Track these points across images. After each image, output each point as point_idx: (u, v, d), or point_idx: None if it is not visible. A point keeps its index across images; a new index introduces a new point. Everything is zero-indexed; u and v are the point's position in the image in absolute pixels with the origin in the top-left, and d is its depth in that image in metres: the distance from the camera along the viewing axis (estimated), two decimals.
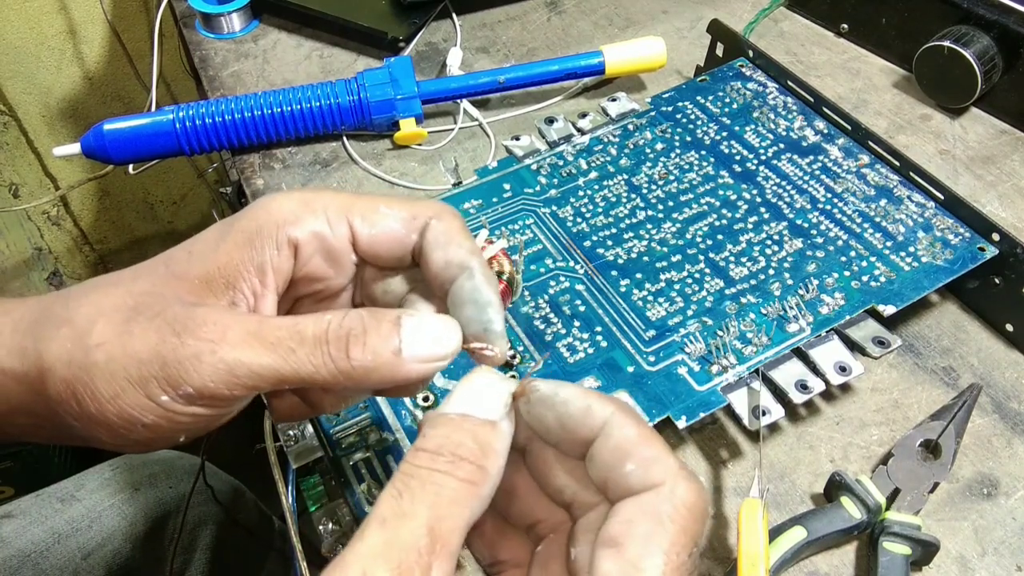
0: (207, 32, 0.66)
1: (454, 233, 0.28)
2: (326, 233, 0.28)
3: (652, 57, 0.57)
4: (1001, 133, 0.55)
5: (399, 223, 0.28)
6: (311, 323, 0.26)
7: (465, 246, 0.28)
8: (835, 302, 0.41)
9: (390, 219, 0.28)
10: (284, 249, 0.27)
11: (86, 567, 0.57)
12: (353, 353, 0.25)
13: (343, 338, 0.25)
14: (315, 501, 0.38)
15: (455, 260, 0.28)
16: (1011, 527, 0.38)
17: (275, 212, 0.27)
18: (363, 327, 0.26)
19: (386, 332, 0.26)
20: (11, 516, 0.59)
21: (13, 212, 1.13)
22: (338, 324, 0.26)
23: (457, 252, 0.28)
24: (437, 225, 0.28)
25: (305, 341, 0.25)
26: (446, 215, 0.29)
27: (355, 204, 0.28)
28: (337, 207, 0.28)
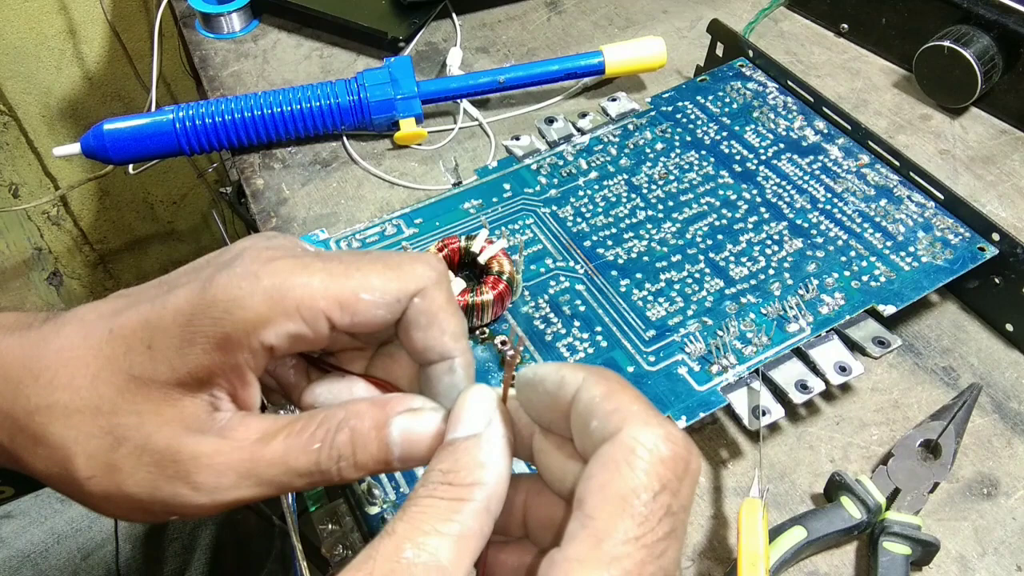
0: (207, 32, 0.66)
1: (436, 312, 0.26)
2: (302, 333, 0.25)
3: (652, 57, 0.57)
4: (1001, 133, 0.55)
5: (382, 310, 0.25)
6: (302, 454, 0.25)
7: (448, 330, 0.26)
8: (835, 302, 0.41)
9: (371, 306, 0.25)
10: (259, 354, 0.25)
11: (86, 567, 0.57)
12: (345, 475, 0.25)
13: (334, 465, 0.25)
14: (315, 501, 0.38)
15: (435, 348, 0.26)
16: (1011, 527, 0.38)
17: (242, 316, 0.24)
18: (352, 447, 0.25)
19: (375, 450, 0.25)
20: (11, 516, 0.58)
21: (13, 212, 1.13)
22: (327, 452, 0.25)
23: (438, 339, 0.26)
24: (419, 304, 0.26)
25: (300, 475, 0.25)
26: (430, 290, 0.26)
27: (331, 293, 0.25)
28: (311, 303, 0.25)
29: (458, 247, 0.43)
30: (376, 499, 0.35)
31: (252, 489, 0.25)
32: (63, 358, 0.26)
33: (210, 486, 0.25)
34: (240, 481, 0.25)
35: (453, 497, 0.21)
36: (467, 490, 0.21)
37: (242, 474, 0.25)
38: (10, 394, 0.26)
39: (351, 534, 0.36)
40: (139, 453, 0.25)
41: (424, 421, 0.25)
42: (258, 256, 0.25)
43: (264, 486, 0.25)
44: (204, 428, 0.25)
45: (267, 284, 0.24)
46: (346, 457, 0.25)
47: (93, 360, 0.25)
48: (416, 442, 0.25)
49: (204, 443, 0.25)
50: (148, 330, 0.25)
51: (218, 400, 0.26)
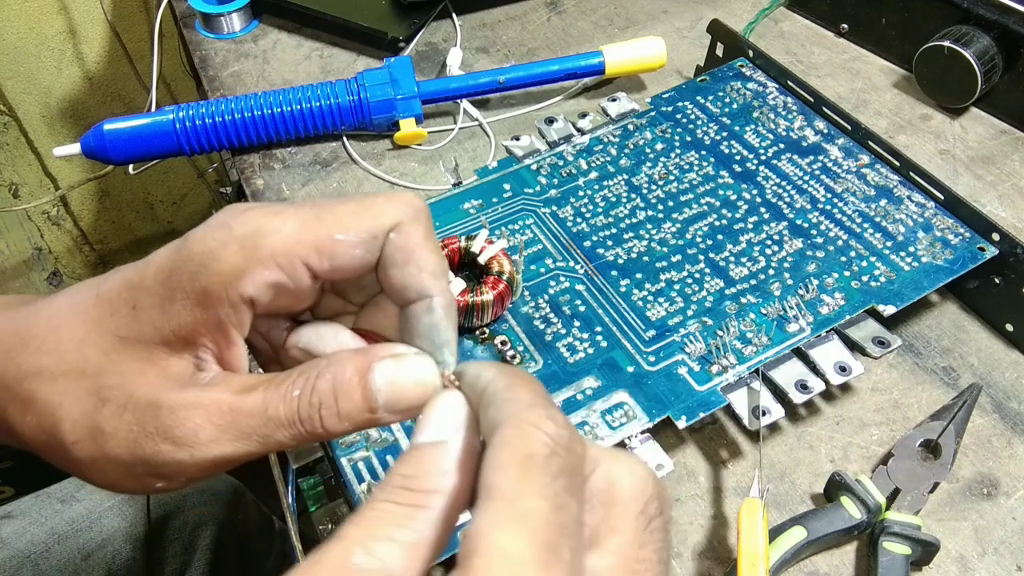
0: (207, 32, 0.66)
1: (413, 249, 0.25)
2: (280, 280, 0.25)
3: (652, 57, 0.57)
4: (1001, 133, 0.55)
5: (359, 248, 0.25)
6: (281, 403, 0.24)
7: (426, 267, 0.25)
8: (835, 302, 0.41)
9: (348, 247, 0.25)
10: (239, 306, 0.25)
11: (86, 568, 0.57)
12: (327, 425, 0.25)
13: (316, 414, 0.24)
14: (315, 501, 0.38)
15: (413, 285, 0.25)
16: (1011, 527, 0.38)
17: (218, 268, 0.24)
18: (334, 394, 0.24)
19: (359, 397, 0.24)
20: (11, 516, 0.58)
21: (13, 212, 1.13)
22: (307, 399, 0.24)
23: (415, 276, 0.25)
24: (395, 239, 0.25)
25: (279, 425, 0.24)
26: (407, 224, 0.25)
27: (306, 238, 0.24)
28: (286, 247, 0.24)
29: (458, 247, 0.43)
30: None
31: (233, 443, 0.25)
32: (52, 325, 0.26)
33: (189, 439, 0.24)
34: (219, 434, 0.24)
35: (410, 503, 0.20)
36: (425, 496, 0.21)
37: (221, 427, 0.24)
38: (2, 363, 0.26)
39: None
40: (121, 412, 0.25)
41: (408, 366, 0.25)
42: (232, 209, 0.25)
43: (245, 440, 0.25)
44: (187, 383, 0.25)
45: (239, 232, 0.24)
46: (328, 405, 0.24)
47: (81, 325, 0.26)
48: (400, 388, 0.24)
49: (184, 396, 0.25)
50: (131, 291, 0.25)
51: (203, 361, 0.26)
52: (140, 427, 0.25)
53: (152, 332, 0.25)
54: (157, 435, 0.25)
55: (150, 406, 0.25)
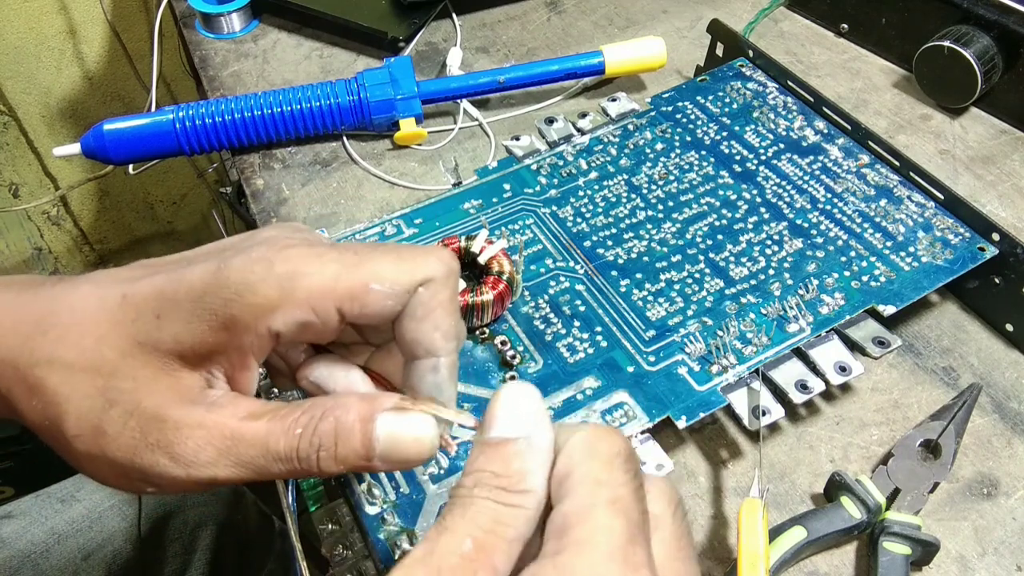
0: (207, 32, 0.66)
1: (434, 308, 0.26)
2: (311, 321, 0.25)
3: (652, 57, 0.57)
4: (1001, 133, 0.55)
5: (392, 300, 0.26)
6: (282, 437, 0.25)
7: (441, 327, 0.26)
8: (835, 302, 0.41)
9: (380, 297, 0.25)
10: (264, 339, 0.25)
11: (86, 568, 0.57)
12: (323, 467, 0.25)
13: (313, 453, 0.25)
14: (315, 501, 0.38)
15: (424, 343, 0.26)
16: (1011, 527, 0.38)
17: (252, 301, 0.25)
18: (334, 437, 0.25)
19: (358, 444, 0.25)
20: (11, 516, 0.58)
21: (13, 212, 1.13)
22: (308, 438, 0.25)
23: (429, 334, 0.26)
24: (422, 293, 0.26)
25: (277, 459, 0.25)
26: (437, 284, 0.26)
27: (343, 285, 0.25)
28: (322, 294, 0.25)
29: (458, 247, 0.43)
30: (376, 499, 0.35)
31: (230, 469, 0.25)
32: (74, 318, 0.26)
33: (188, 459, 0.25)
34: (218, 458, 0.25)
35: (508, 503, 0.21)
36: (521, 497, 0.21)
37: (221, 451, 0.25)
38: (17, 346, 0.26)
39: (351, 534, 0.36)
40: (127, 417, 0.25)
41: (409, 421, 0.25)
42: (276, 243, 0.25)
43: (242, 467, 0.25)
44: (194, 400, 0.26)
45: (280, 271, 0.25)
46: (327, 447, 0.25)
47: (103, 322, 0.26)
48: (399, 442, 0.25)
49: (190, 414, 0.25)
50: (159, 300, 0.26)
51: (214, 378, 0.26)
52: (142, 437, 0.25)
53: (171, 343, 0.25)
54: (157, 448, 0.25)
55: (155, 418, 0.25)
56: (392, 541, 0.34)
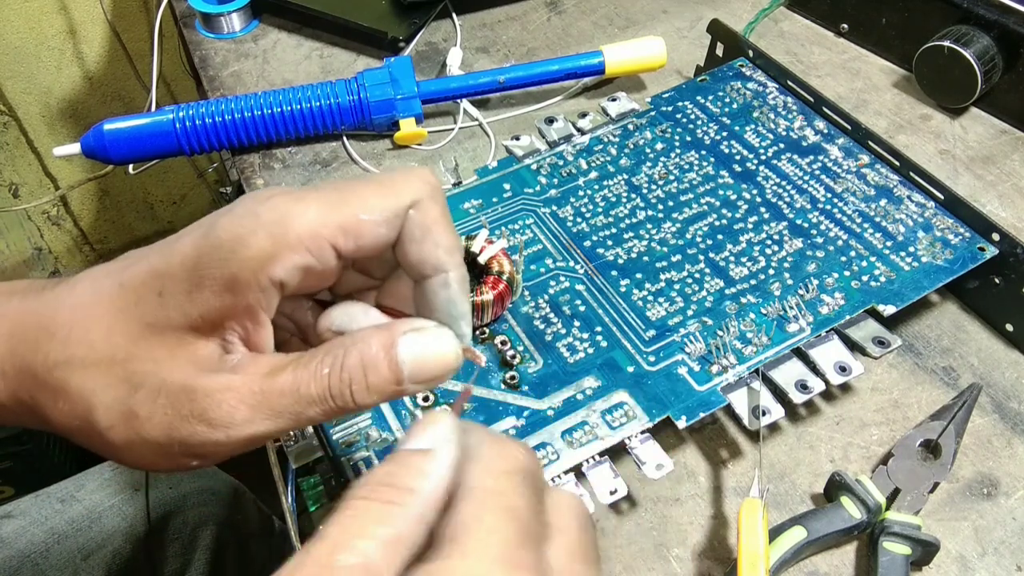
0: (207, 32, 0.66)
1: (431, 225, 0.26)
2: (309, 263, 0.25)
3: (652, 57, 0.57)
4: (1001, 133, 0.55)
5: (383, 227, 0.26)
6: (312, 381, 0.25)
7: (442, 243, 0.27)
8: (835, 302, 0.41)
9: (372, 226, 0.26)
10: (269, 290, 0.25)
11: (86, 568, 0.57)
12: (358, 399, 0.26)
13: (347, 388, 0.25)
14: (315, 501, 0.38)
15: (429, 260, 0.27)
16: (1011, 527, 0.38)
17: (248, 254, 0.25)
18: (362, 369, 0.25)
19: (386, 370, 0.25)
20: (11, 516, 0.58)
21: (13, 212, 1.13)
22: (338, 375, 0.25)
23: (432, 252, 0.26)
24: (414, 216, 0.26)
25: (311, 402, 0.25)
26: (425, 202, 0.26)
27: (332, 221, 0.25)
28: (313, 230, 0.25)
29: None
30: None
31: (267, 422, 0.25)
32: (77, 315, 0.26)
33: (224, 420, 0.25)
34: (253, 414, 0.25)
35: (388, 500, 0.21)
36: (403, 494, 0.21)
37: (254, 406, 0.25)
38: (29, 353, 0.27)
39: None
40: (155, 396, 0.25)
41: (429, 338, 0.26)
42: (257, 195, 0.26)
43: (278, 417, 0.25)
44: (217, 368, 0.26)
45: (267, 219, 0.25)
46: (357, 380, 0.25)
47: (106, 313, 0.26)
48: (424, 359, 0.26)
49: (216, 380, 0.25)
50: (157, 278, 0.26)
51: (230, 343, 0.26)
52: (175, 411, 0.25)
53: (180, 318, 0.25)
54: (192, 417, 0.25)
55: (184, 390, 0.25)
56: None
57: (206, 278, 0.25)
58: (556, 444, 0.37)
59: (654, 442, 0.37)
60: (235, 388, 0.25)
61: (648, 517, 0.39)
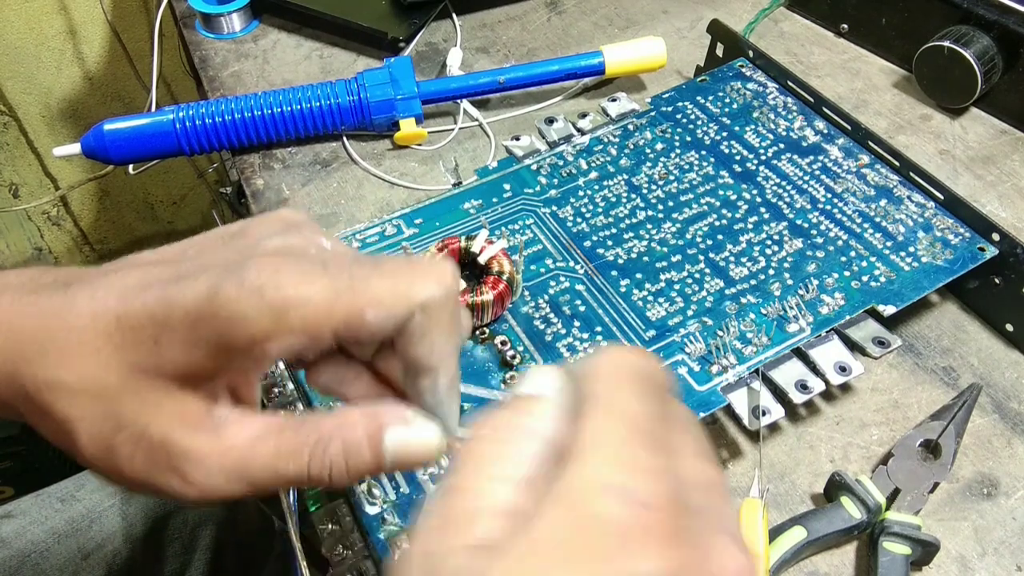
0: (207, 32, 0.66)
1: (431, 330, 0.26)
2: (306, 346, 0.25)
3: (652, 57, 0.57)
4: (1001, 133, 0.55)
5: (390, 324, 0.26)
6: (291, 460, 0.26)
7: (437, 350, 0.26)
8: (835, 302, 0.41)
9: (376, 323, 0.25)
10: (261, 360, 0.26)
11: (86, 567, 0.57)
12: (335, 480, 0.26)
13: (325, 471, 0.26)
14: (315, 501, 0.38)
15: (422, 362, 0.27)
16: (1011, 527, 0.38)
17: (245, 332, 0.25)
18: (344, 456, 0.26)
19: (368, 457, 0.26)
20: (11, 516, 0.58)
21: (13, 212, 1.13)
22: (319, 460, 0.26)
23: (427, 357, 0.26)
24: (419, 320, 0.26)
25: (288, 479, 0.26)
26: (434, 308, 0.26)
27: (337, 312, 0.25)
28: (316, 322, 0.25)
29: (458, 247, 0.43)
30: (376, 499, 0.35)
31: (242, 487, 0.26)
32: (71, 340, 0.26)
33: (199, 482, 0.26)
34: (228, 481, 0.26)
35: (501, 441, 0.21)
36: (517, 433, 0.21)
37: (231, 475, 0.26)
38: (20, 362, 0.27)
39: (351, 534, 0.36)
40: (136, 440, 0.26)
41: (415, 430, 0.26)
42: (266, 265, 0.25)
43: (252, 484, 0.26)
44: (200, 425, 0.26)
45: (271, 301, 0.24)
46: (337, 465, 0.26)
47: (101, 347, 0.26)
48: (408, 449, 0.26)
49: (197, 440, 0.26)
50: (155, 327, 0.26)
51: (218, 396, 0.27)
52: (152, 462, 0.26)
53: (171, 368, 0.26)
54: (169, 471, 0.26)
55: (164, 444, 0.26)
56: (392, 541, 0.34)
57: (203, 340, 0.25)
58: None
59: None
60: (215, 454, 0.26)
61: None
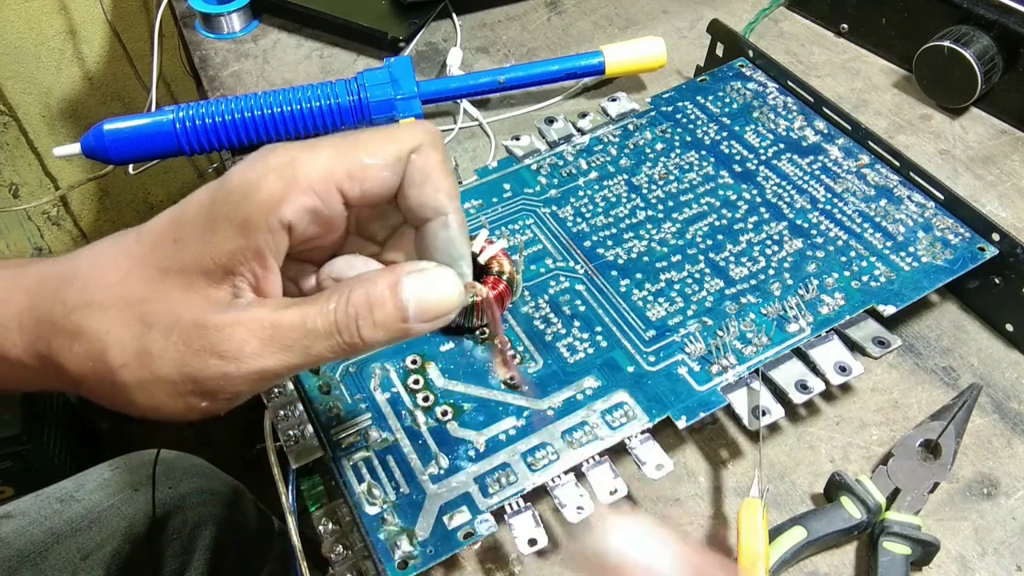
0: (207, 32, 0.66)
1: (431, 171, 0.28)
2: (316, 206, 0.27)
3: (652, 57, 0.57)
4: (1001, 133, 0.55)
5: (386, 171, 0.27)
6: (319, 316, 0.26)
7: (442, 188, 0.28)
8: (835, 302, 0.41)
9: (376, 170, 0.27)
10: (278, 232, 0.27)
11: (85, 567, 0.57)
12: (364, 334, 0.26)
13: (352, 323, 0.26)
14: (315, 501, 0.38)
15: (430, 204, 0.28)
16: (1011, 527, 0.38)
17: (259, 197, 0.26)
18: (368, 306, 0.26)
19: (392, 308, 0.26)
20: (10, 516, 0.58)
21: (13, 212, 1.13)
22: (344, 311, 0.26)
23: (432, 195, 0.28)
24: (415, 160, 0.28)
25: (319, 336, 0.26)
26: (426, 148, 0.28)
27: (338, 163, 0.27)
28: (321, 176, 0.27)
29: None
30: (376, 499, 0.35)
31: (276, 355, 0.26)
32: (95, 265, 0.28)
33: (235, 352, 0.26)
34: (263, 347, 0.26)
35: None
36: None
37: (264, 340, 0.26)
38: (48, 302, 0.28)
39: (351, 534, 0.36)
40: (168, 333, 0.26)
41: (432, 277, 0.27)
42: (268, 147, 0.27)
43: (287, 351, 0.26)
44: (229, 307, 0.27)
45: (277, 164, 0.26)
46: (364, 316, 0.26)
47: (124, 261, 0.28)
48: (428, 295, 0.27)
49: (227, 315, 0.27)
50: (173, 227, 0.27)
51: (240, 289, 0.27)
52: (187, 346, 0.26)
53: (193, 263, 0.27)
54: (204, 351, 0.26)
55: (195, 326, 0.26)
56: (392, 541, 0.34)
57: (219, 220, 0.26)
58: (556, 444, 0.37)
59: (654, 442, 0.37)
60: (245, 322, 0.26)
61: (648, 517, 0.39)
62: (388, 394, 0.39)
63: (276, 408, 0.38)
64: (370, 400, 0.39)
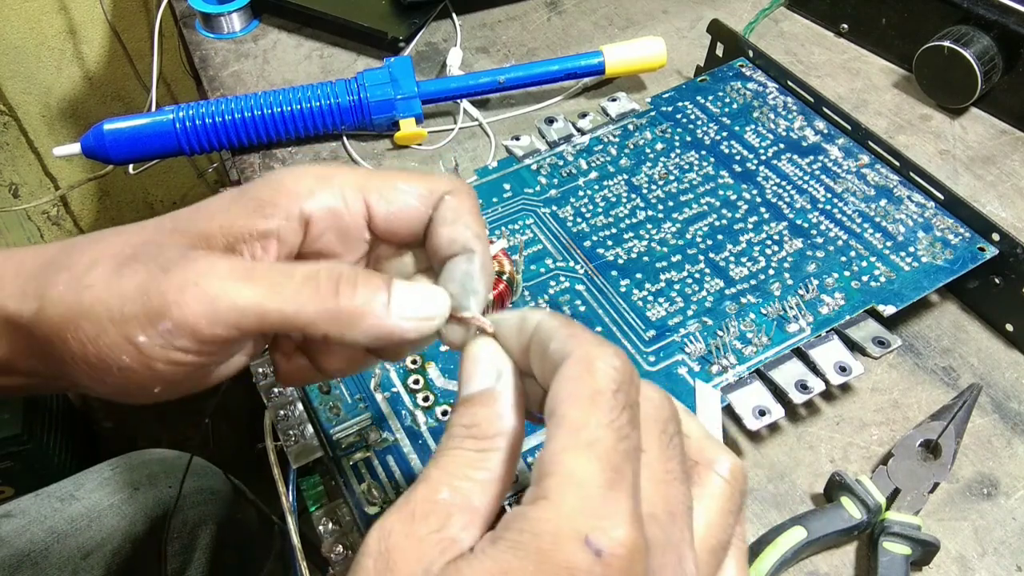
0: (207, 32, 0.66)
1: (464, 212, 0.28)
2: (341, 209, 0.27)
3: (652, 57, 0.57)
4: (1001, 133, 0.55)
5: (416, 200, 0.28)
6: (301, 266, 0.26)
7: (472, 228, 0.28)
8: (835, 302, 0.41)
9: (407, 195, 0.28)
10: (295, 221, 0.27)
11: (86, 567, 0.57)
12: (343, 291, 0.25)
13: (333, 280, 0.25)
14: (315, 501, 0.38)
15: (459, 240, 0.28)
16: (1011, 527, 0.38)
17: (290, 185, 0.27)
18: (355, 275, 0.26)
19: (376, 285, 0.26)
20: (11, 516, 0.59)
21: (13, 212, 1.13)
22: (328, 269, 0.26)
23: (463, 232, 0.28)
24: (450, 201, 0.28)
25: (293, 278, 0.25)
26: (461, 192, 0.28)
27: (372, 181, 0.28)
28: (354, 184, 0.27)
29: None
30: (376, 499, 0.35)
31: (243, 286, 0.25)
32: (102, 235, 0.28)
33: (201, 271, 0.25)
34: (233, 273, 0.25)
35: (479, 448, 0.23)
36: (491, 441, 0.23)
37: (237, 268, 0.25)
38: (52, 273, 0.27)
39: (351, 534, 0.36)
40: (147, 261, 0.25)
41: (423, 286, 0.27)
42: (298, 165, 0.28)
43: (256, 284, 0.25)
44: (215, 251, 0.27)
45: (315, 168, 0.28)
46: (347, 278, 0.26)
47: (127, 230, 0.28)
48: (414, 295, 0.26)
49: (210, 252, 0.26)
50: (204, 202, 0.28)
51: None
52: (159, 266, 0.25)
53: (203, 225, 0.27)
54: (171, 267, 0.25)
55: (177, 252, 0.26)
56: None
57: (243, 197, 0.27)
58: None
59: None
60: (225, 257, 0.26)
61: None
62: (388, 394, 0.39)
63: (276, 408, 0.38)
64: (370, 400, 0.39)
